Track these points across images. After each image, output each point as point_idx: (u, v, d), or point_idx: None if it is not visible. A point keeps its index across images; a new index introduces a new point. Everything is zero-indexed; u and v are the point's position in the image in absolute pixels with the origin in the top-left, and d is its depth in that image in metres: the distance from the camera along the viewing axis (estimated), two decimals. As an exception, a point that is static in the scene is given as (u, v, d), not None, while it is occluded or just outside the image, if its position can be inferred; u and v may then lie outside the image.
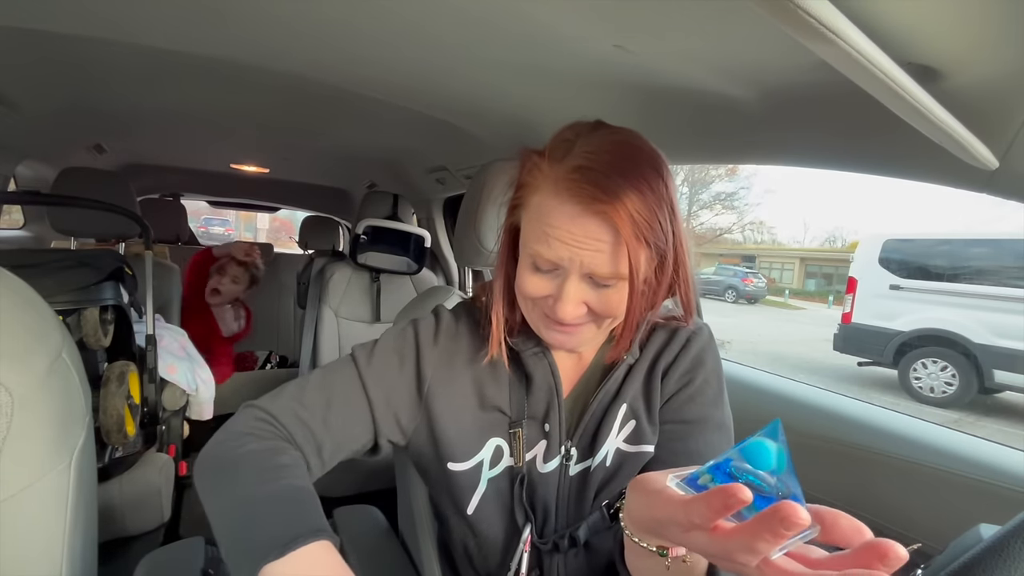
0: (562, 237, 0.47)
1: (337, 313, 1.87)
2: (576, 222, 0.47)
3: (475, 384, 0.59)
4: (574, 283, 0.49)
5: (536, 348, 0.58)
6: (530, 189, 0.51)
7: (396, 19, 0.74)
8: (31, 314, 0.37)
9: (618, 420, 0.58)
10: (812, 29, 0.32)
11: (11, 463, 0.33)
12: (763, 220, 19.19)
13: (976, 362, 4.13)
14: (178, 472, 1.57)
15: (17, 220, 2.49)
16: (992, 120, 0.51)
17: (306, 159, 2.13)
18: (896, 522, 0.79)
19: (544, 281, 0.50)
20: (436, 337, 0.60)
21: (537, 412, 0.58)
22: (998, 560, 0.28)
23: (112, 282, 1.18)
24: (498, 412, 0.59)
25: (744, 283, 12.75)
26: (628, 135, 0.51)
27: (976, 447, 0.76)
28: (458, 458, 0.57)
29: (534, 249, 0.50)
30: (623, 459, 0.58)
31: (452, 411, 0.58)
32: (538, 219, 0.49)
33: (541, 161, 0.51)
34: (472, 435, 0.58)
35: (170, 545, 0.94)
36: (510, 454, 0.58)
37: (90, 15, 0.81)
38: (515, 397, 0.59)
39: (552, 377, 0.58)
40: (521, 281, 0.52)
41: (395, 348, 0.59)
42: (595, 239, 0.46)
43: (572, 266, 0.48)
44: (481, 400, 0.59)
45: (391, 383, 0.58)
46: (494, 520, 0.58)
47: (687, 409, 0.59)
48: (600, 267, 0.47)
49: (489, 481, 0.58)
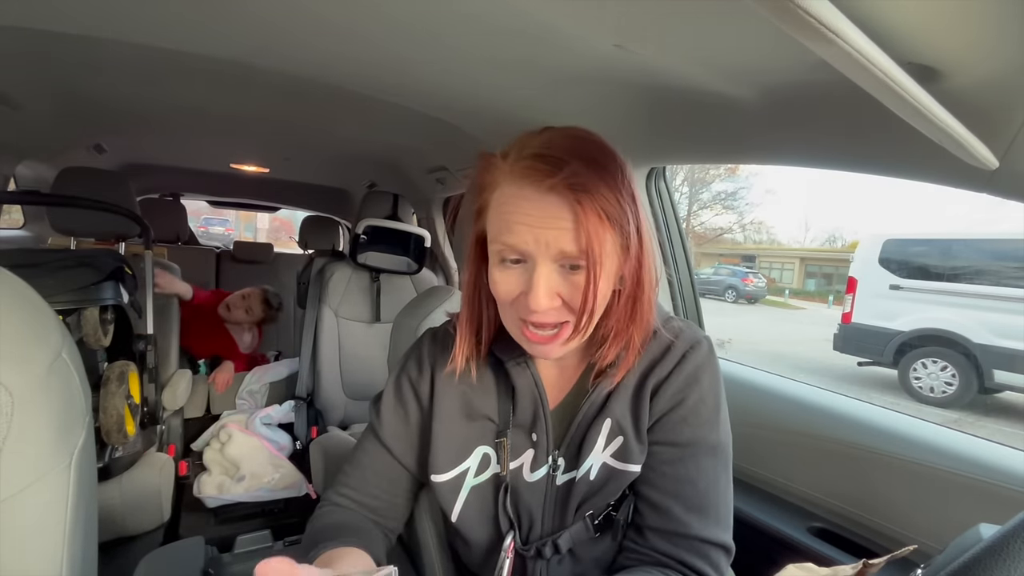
0: (524, 220, 0.47)
1: (337, 313, 1.87)
2: (535, 204, 0.47)
3: (462, 396, 0.60)
4: (544, 270, 0.48)
5: (520, 358, 0.58)
6: (489, 188, 0.52)
7: (396, 19, 0.74)
8: (31, 314, 0.37)
9: (603, 434, 0.57)
10: (812, 29, 0.32)
11: (11, 463, 0.33)
12: (763, 220, 19.17)
13: (976, 362, 4.13)
14: (178, 472, 1.57)
15: (17, 220, 2.49)
16: (992, 120, 0.51)
17: (306, 159, 2.13)
18: (896, 522, 0.79)
19: (514, 276, 0.50)
20: (421, 366, 0.63)
21: (524, 421, 0.59)
22: (998, 560, 0.28)
23: (112, 282, 1.18)
24: (487, 420, 0.60)
25: (744, 283, 12.74)
26: (580, 129, 0.52)
27: (976, 447, 0.76)
28: (440, 469, 0.59)
29: (500, 242, 0.49)
30: (610, 474, 0.57)
31: (442, 424, 0.60)
32: (499, 212, 0.49)
33: (496, 159, 0.52)
34: (457, 446, 0.59)
35: (170, 545, 0.94)
36: (497, 461, 0.59)
37: (90, 15, 0.81)
38: (502, 406, 0.59)
39: (536, 388, 0.58)
40: (493, 282, 0.51)
41: (396, 403, 0.64)
42: (556, 217, 0.46)
43: (539, 250, 0.47)
44: (469, 411, 0.60)
45: (403, 438, 0.63)
46: (477, 526, 0.60)
47: (679, 431, 0.56)
48: (566, 244, 0.47)
49: (472, 489, 0.59)
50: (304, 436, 1.72)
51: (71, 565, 0.37)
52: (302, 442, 1.72)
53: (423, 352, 0.63)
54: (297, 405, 1.81)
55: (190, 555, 0.89)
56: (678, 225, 1.26)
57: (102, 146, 1.94)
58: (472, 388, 0.60)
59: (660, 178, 1.21)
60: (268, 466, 1.70)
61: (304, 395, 1.81)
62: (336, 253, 2.51)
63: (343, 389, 1.85)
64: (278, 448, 1.76)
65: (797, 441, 0.94)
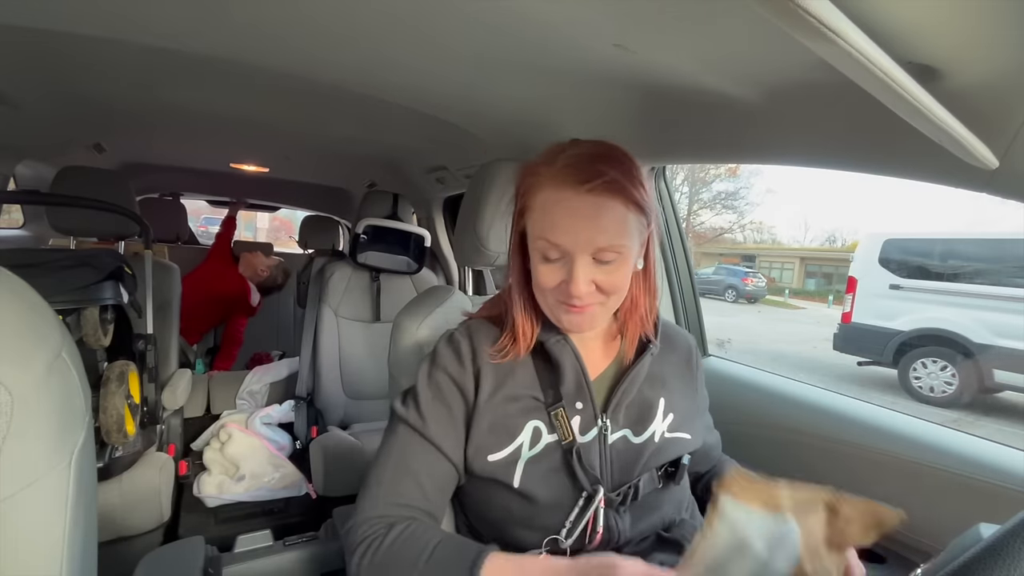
0: (565, 222, 0.57)
1: (337, 313, 1.87)
2: (573, 206, 0.57)
3: (503, 382, 0.65)
4: (581, 262, 0.57)
5: (558, 336, 0.66)
6: (532, 192, 0.61)
7: (396, 19, 0.74)
8: (31, 313, 0.37)
9: (660, 408, 0.68)
10: (812, 28, 0.32)
11: (10, 463, 0.33)
12: (763, 220, 19.17)
13: (976, 362, 4.13)
14: (178, 472, 1.57)
15: (17, 220, 2.49)
16: (992, 120, 0.51)
17: (306, 158, 2.12)
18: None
19: (555, 269, 0.59)
20: (462, 360, 0.66)
21: (569, 391, 0.65)
22: (998, 560, 0.28)
23: (112, 281, 1.18)
24: (531, 399, 0.65)
25: (744, 283, 12.74)
26: (602, 142, 0.62)
27: (976, 447, 0.76)
28: (495, 449, 0.63)
29: (543, 241, 0.58)
30: (666, 442, 0.67)
31: (491, 410, 0.64)
32: (543, 213, 0.59)
33: (537, 167, 0.61)
34: (509, 426, 0.64)
35: (170, 545, 0.94)
36: (549, 432, 0.64)
37: (90, 14, 0.81)
38: (544, 383, 0.66)
39: (577, 360, 0.65)
40: (536, 275, 0.61)
41: (435, 397, 0.65)
42: (592, 217, 0.56)
43: (577, 247, 0.57)
44: (512, 393, 0.65)
45: (448, 431, 0.64)
46: (542, 488, 0.63)
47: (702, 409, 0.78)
48: (600, 240, 0.56)
49: (529, 460, 0.63)
50: (304, 436, 1.72)
51: (71, 565, 0.37)
52: (302, 442, 1.72)
53: (460, 347, 0.67)
54: (297, 405, 1.81)
55: (190, 555, 0.89)
56: (678, 225, 1.26)
57: (102, 146, 1.94)
58: (511, 373, 0.66)
59: (660, 178, 1.21)
60: (268, 466, 1.70)
61: (304, 395, 1.81)
62: (336, 253, 2.51)
63: (343, 389, 1.85)
64: (278, 448, 1.76)
65: (796, 440, 0.94)
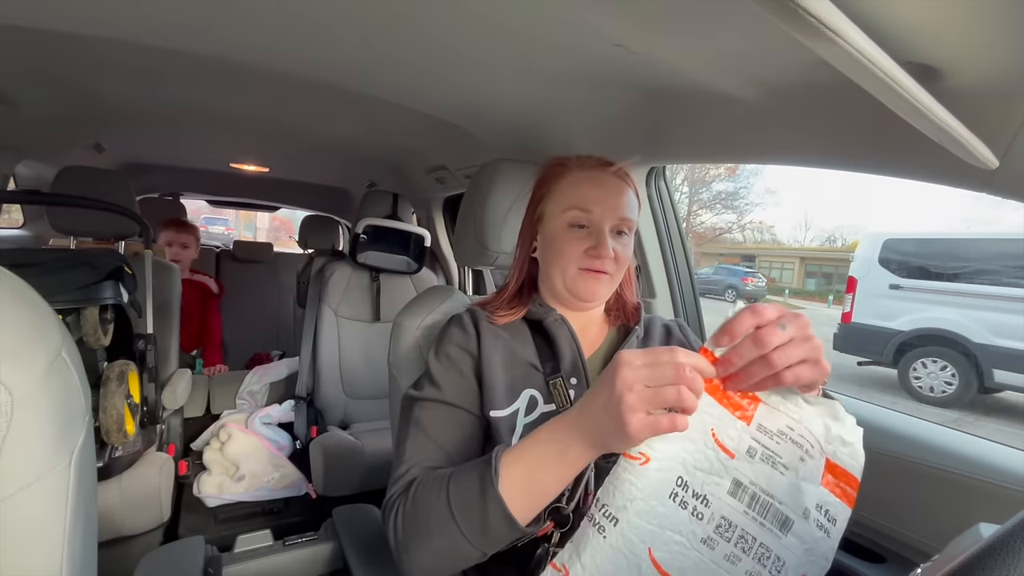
0: (595, 192, 0.70)
1: (337, 312, 1.87)
2: (604, 182, 0.71)
3: (504, 347, 0.71)
4: (607, 228, 0.69)
5: (555, 316, 0.73)
6: (558, 176, 0.73)
7: (396, 18, 0.74)
8: (31, 313, 0.37)
9: None
10: (812, 28, 0.32)
11: (10, 463, 0.33)
12: (763, 220, 19.16)
13: (976, 362, 4.13)
14: (178, 472, 1.57)
15: (17, 219, 2.50)
16: (992, 120, 0.51)
17: (306, 158, 2.12)
18: (896, 522, 0.79)
19: (581, 236, 0.70)
20: (465, 330, 0.72)
21: (565, 368, 0.70)
22: (998, 560, 0.28)
23: (112, 281, 1.18)
24: (531, 367, 0.71)
25: (744, 282, 12.75)
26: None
27: (976, 447, 0.76)
28: (498, 406, 0.67)
29: (574, 210, 0.70)
30: None
31: (492, 369, 0.69)
32: (573, 188, 0.71)
33: (561, 159, 0.74)
34: (508, 387, 0.68)
35: (170, 544, 0.94)
36: (545, 403, 0.69)
37: (90, 14, 0.81)
38: (543, 356, 0.72)
39: (573, 339, 0.72)
40: (562, 245, 0.70)
41: (448, 365, 0.70)
42: (617, 192, 0.70)
43: (606, 214, 0.69)
44: (513, 359, 0.71)
45: (465, 389, 0.69)
46: None
47: None
48: (623, 211, 0.70)
49: (525, 426, 0.67)
50: (304, 435, 1.72)
51: (71, 564, 0.37)
52: (302, 441, 1.72)
53: (463, 320, 0.74)
54: (297, 404, 1.82)
55: (190, 555, 0.89)
56: (678, 225, 1.26)
57: (102, 145, 1.94)
58: (512, 341, 0.72)
59: (660, 178, 1.21)
60: (268, 465, 1.70)
61: (304, 394, 1.81)
62: (336, 252, 2.51)
63: (343, 388, 1.85)
64: (278, 447, 1.76)
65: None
